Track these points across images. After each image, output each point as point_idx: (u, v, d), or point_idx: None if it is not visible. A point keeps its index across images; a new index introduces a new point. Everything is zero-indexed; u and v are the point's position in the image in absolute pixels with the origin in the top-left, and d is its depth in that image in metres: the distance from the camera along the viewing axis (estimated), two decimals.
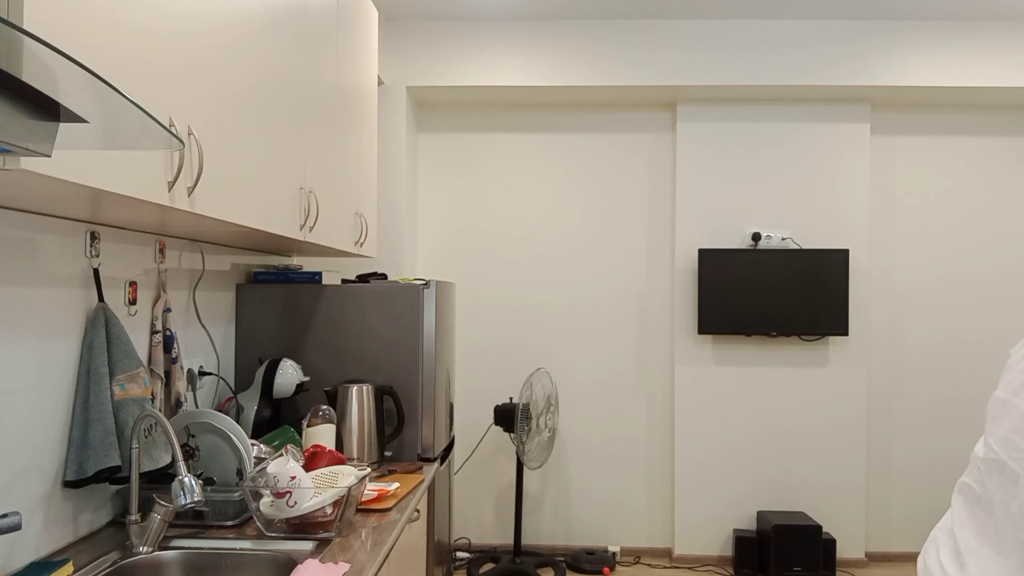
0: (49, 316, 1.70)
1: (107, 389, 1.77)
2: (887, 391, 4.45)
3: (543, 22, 4.12)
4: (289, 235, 2.19)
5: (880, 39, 4.10)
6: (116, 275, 1.98)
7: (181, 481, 1.58)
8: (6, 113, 0.87)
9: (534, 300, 4.47)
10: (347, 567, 1.61)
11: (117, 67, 1.26)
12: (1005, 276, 4.44)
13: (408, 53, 4.14)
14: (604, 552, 4.32)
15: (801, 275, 4.22)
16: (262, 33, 1.94)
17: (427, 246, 4.52)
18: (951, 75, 4.09)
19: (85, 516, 1.84)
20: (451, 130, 4.52)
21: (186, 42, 1.52)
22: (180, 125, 1.47)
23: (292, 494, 1.77)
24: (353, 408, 2.58)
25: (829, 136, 4.34)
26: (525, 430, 3.94)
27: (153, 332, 2.13)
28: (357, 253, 2.98)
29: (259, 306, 2.80)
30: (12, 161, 1.03)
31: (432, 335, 2.75)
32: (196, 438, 2.01)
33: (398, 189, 4.10)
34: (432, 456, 2.75)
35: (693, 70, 4.12)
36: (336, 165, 2.64)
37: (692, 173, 4.34)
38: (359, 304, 2.76)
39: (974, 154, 4.45)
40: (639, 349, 4.49)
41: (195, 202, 1.56)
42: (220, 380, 2.64)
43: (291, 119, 2.17)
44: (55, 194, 1.34)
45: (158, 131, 1.07)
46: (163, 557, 1.74)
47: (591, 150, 4.46)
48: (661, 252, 4.48)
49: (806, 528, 3.97)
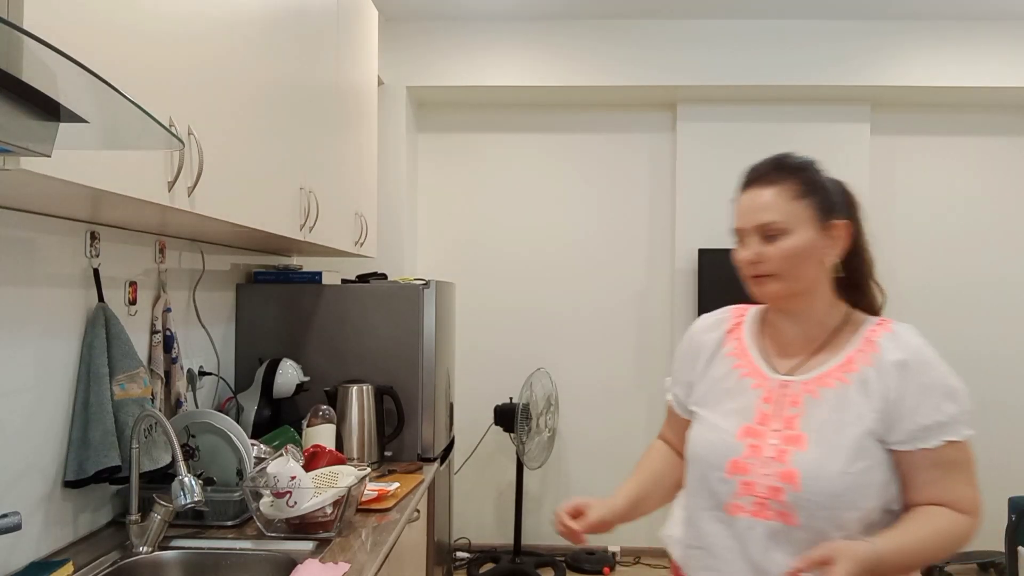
0: (49, 316, 1.70)
1: (107, 389, 1.77)
2: None
3: (543, 22, 4.12)
4: (289, 235, 2.19)
5: (880, 39, 4.10)
6: (116, 275, 1.98)
7: (181, 481, 1.58)
8: (6, 113, 0.87)
9: (534, 300, 4.47)
10: (347, 567, 1.61)
11: (117, 67, 1.26)
12: (1006, 276, 4.44)
13: (408, 53, 4.14)
14: (604, 552, 4.32)
15: None
16: (262, 33, 1.94)
17: (427, 246, 4.52)
18: (951, 75, 4.09)
19: (85, 516, 1.84)
20: (451, 130, 4.52)
21: (186, 42, 1.52)
22: (180, 125, 1.47)
23: (292, 494, 1.77)
24: (353, 408, 2.58)
25: (829, 136, 4.34)
26: (525, 430, 3.94)
27: (153, 332, 2.13)
28: (357, 253, 2.98)
29: (259, 306, 2.80)
30: (12, 161, 1.03)
31: (432, 335, 2.75)
32: (196, 438, 2.01)
33: (398, 189, 4.10)
34: (432, 456, 2.75)
35: (693, 70, 4.12)
36: (336, 165, 2.64)
37: (692, 173, 4.34)
38: (359, 304, 2.76)
39: (974, 154, 4.45)
40: (639, 349, 4.49)
41: (195, 202, 1.56)
42: (220, 380, 2.64)
43: (291, 119, 2.17)
44: (55, 194, 1.34)
45: (158, 131, 1.07)
46: (163, 557, 1.74)
47: (591, 150, 4.45)
48: (661, 252, 4.48)
49: None
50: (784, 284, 1.28)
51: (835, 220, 1.29)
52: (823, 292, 1.31)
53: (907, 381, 1.22)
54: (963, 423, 1.22)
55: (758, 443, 1.26)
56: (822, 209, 1.28)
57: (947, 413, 1.21)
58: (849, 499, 1.19)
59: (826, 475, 1.19)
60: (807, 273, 1.28)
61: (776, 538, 1.22)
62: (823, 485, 1.19)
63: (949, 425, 1.20)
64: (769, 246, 1.27)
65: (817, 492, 1.19)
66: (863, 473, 1.19)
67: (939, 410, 1.20)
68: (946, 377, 1.23)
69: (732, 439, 1.29)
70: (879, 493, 1.21)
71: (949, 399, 1.21)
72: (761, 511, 1.23)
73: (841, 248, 1.30)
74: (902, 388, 1.22)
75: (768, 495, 1.23)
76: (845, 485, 1.19)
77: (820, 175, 1.31)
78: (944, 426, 1.20)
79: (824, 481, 1.19)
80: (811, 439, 1.23)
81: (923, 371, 1.23)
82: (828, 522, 1.20)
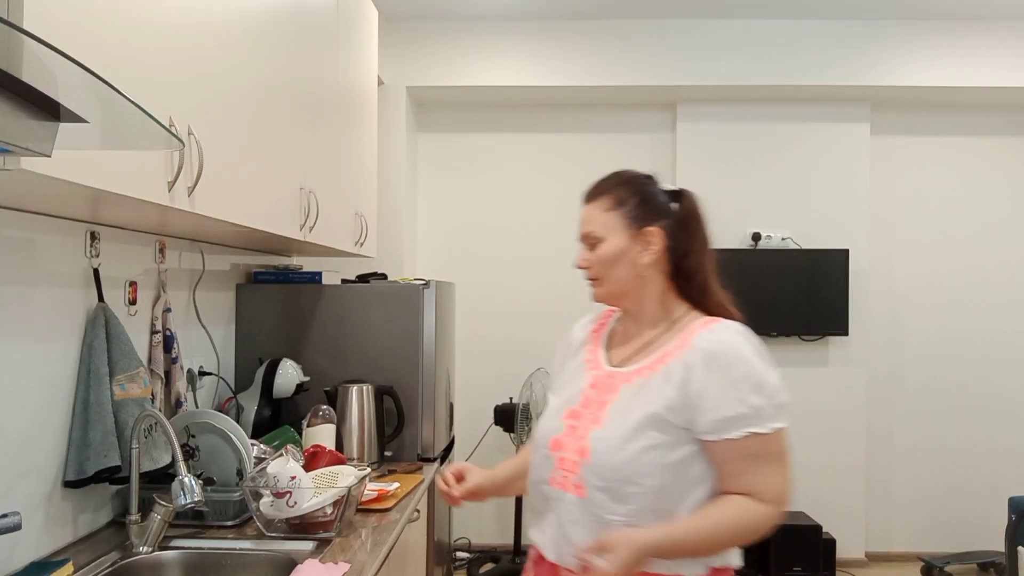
0: (49, 316, 1.70)
1: (107, 389, 1.77)
2: (887, 391, 4.45)
3: (543, 22, 4.12)
4: (289, 235, 2.19)
5: (880, 39, 4.10)
6: (116, 275, 1.98)
7: (181, 481, 1.58)
8: (6, 113, 0.87)
9: (534, 299, 4.46)
10: (347, 567, 1.61)
11: (117, 67, 1.26)
12: (1006, 277, 4.44)
13: (408, 53, 4.14)
14: None
15: (801, 275, 4.22)
16: (262, 33, 1.94)
17: (427, 246, 4.52)
18: (951, 75, 4.09)
19: (85, 516, 1.84)
20: (451, 130, 4.52)
21: (186, 42, 1.52)
22: (180, 125, 1.47)
23: (292, 494, 1.77)
24: (353, 408, 2.58)
25: (829, 136, 4.34)
26: (525, 430, 3.94)
27: (153, 332, 2.13)
28: (357, 253, 2.98)
29: (259, 306, 2.80)
30: (12, 161, 1.03)
31: (432, 335, 2.75)
32: (196, 438, 2.01)
33: (398, 189, 4.10)
34: (432, 456, 2.75)
35: (693, 70, 4.12)
36: (336, 165, 2.64)
37: (692, 173, 4.33)
38: (359, 304, 2.76)
39: (974, 154, 4.45)
40: None
41: (195, 202, 1.56)
42: (220, 380, 2.64)
43: (291, 119, 2.17)
44: (55, 194, 1.34)
45: (158, 131, 1.07)
46: (163, 557, 1.74)
47: (591, 150, 4.45)
48: None
49: (806, 528, 3.97)
50: (605, 287, 1.43)
51: (647, 227, 1.39)
52: (650, 293, 1.42)
53: (712, 374, 1.29)
54: (769, 416, 1.27)
55: (575, 424, 1.39)
56: (634, 218, 1.40)
57: (751, 405, 1.26)
58: (627, 474, 1.29)
59: (606, 449, 1.31)
60: (621, 275, 1.40)
61: (577, 510, 1.33)
62: (603, 459, 1.30)
63: (753, 417, 1.26)
64: (591, 253, 1.42)
65: (599, 465, 1.31)
66: (642, 451, 1.28)
67: (743, 402, 1.26)
68: (756, 372, 1.29)
69: (557, 420, 1.43)
70: (663, 473, 1.28)
71: (756, 392, 1.27)
72: (566, 483, 1.36)
73: (655, 251, 1.39)
74: (706, 380, 1.28)
75: (570, 468, 1.35)
76: (623, 460, 1.29)
77: (641, 188, 1.44)
78: (747, 418, 1.26)
79: (604, 455, 1.30)
80: (607, 419, 1.35)
81: (731, 365, 1.29)
82: (611, 495, 1.30)
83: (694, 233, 1.43)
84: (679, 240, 1.41)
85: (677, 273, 1.42)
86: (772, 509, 1.28)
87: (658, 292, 1.42)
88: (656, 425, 1.29)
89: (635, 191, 1.43)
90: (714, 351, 1.30)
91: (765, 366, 1.30)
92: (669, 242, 1.40)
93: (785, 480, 1.30)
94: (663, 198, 1.44)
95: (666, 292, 1.42)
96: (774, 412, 1.28)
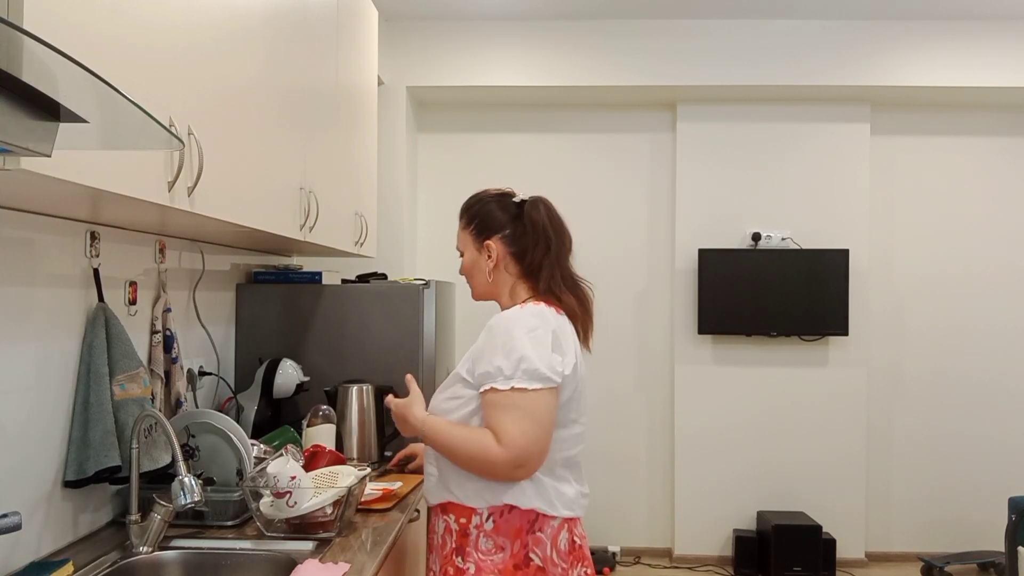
0: (49, 316, 1.70)
1: (107, 389, 1.77)
2: (887, 390, 4.45)
3: (543, 22, 4.13)
4: (289, 235, 2.19)
5: (880, 39, 4.10)
6: (116, 275, 1.98)
7: (181, 481, 1.58)
8: (6, 113, 0.87)
9: None
10: (347, 567, 1.61)
11: (117, 67, 1.26)
12: (1006, 277, 4.44)
13: (408, 53, 4.14)
14: (604, 552, 4.32)
15: (801, 275, 4.22)
16: (262, 33, 1.94)
17: (427, 246, 4.52)
18: (951, 75, 4.09)
19: (85, 516, 1.84)
20: (451, 130, 4.52)
21: (186, 42, 1.52)
22: (180, 125, 1.47)
23: (292, 494, 1.77)
24: (353, 408, 2.58)
25: (829, 136, 4.34)
26: None
27: (153, 332, 2.13)
28: (357, 253, 2.98)
29: (259, 306, 2.80)
30: (12, 161, 1.03)
31: (432, 335, 2.75)
32: (196, 438, 2.01)
33: (398, 189, 4.10)
34: None
35: (693, 70, 4.12)
36: (336, 165, 2.64)
37: (692, 173, 4.34)
38: (359, 304, 2.76)
39: (974, 154, 4.45)
40: (639, 349, 4.49)
41: (195, 202, 1.56)
42: (220, 380, 2.64)
43: (291, 119, 2.17)
44: (55, 194, 1.34)
45: (158, 131, 1.07)
46: (163, 557, 1.74)
47: (591, 150, 4.45)
48: (661, 252, 4.48)
49: (806, 528, 3.98)
50: (473, 289, 1.80)
51: (487, 241, 1.73)
52: (503, 290, 1.75)
53: (487, 340, 1.63)
54: (507, 376, 1.56)
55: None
56: (477, 233, 1.75)
57: (495, 366, 1.58)
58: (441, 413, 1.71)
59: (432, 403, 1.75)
60: (479, 280, 1.76)
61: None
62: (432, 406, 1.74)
63: (494, 375, 1.58)
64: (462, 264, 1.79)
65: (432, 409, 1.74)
66: (447, 400, 1.69)
67: (491, 363, 1.59)
68: (510, 340, 1.59)
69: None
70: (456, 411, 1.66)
71: (503, 356, 1.58)
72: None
73: (495, 258, 1.72)
74: (483, 345, 1.63)
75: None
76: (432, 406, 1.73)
77: (483, 208, 1.75)
78: (490, 375, 1.58)
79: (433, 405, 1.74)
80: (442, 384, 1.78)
81: (497, 334, 1.61)
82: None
83: (532, 236, 1.71)
84: (519, 244, 1.72)
85: (527, 270, 1.72)
86: (503, 451, 1.55)
87: (508, 287, 1.75)
88: (459, 381, 1.67)
89: (477, 212, 1.76)
90: (492, 324, 1.64)
91: (525, 339, 1.58)
92: (510, 248, 1.72)
93: (522, 432, 1.55)
94: (503, 214, 1.74)
95: (515, 286, 1.74)
96: (512, 373, 1.56)
